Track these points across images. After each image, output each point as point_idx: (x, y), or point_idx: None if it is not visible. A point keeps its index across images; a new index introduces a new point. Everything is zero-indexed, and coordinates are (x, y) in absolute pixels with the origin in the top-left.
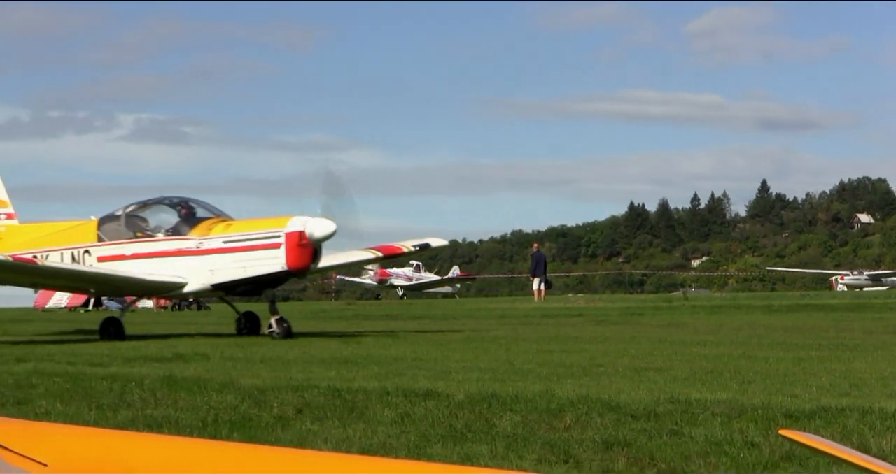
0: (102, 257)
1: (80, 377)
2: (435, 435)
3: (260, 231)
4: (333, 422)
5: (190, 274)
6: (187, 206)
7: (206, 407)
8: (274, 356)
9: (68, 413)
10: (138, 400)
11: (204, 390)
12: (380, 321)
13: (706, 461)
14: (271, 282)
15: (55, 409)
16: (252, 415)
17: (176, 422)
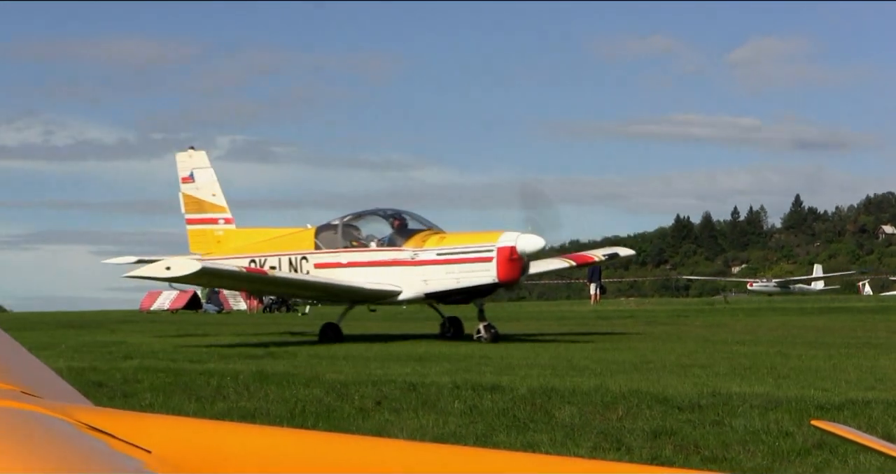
0: (319, 264)
1: (181, 372)
2: (500, 425)
3: (473, 245)
4: (409, 414)
5: (404, 283)
6: (400, 218)
7: (294, 400)
8: (355, 353)
9: (170, 405)
10: (233, 393)
11: (292, 384)
12: None
13: (745, 448)
14: (482, 292)
15: (158, 402)
16: (335, 407)
17: (267, 413)
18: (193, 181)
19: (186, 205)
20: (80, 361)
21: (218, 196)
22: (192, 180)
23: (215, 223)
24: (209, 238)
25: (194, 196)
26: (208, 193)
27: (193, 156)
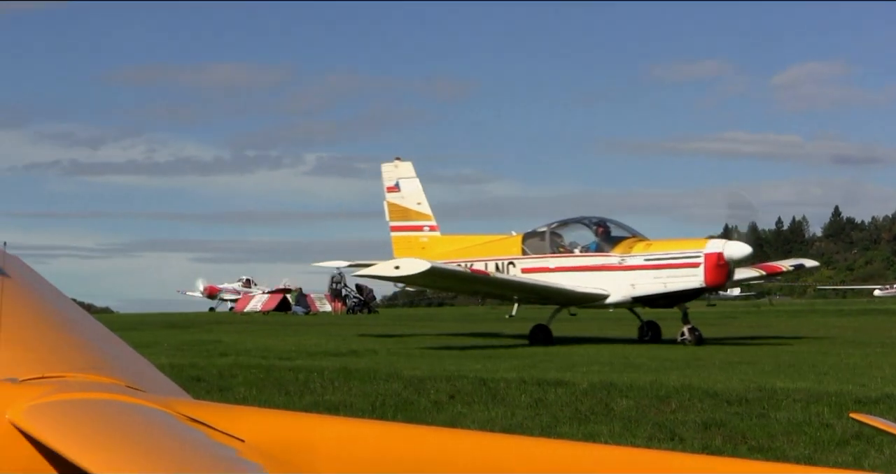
0: (526, 269)
1: (272, 368)
2: (563, 416)
3: (680, 251)
4: (479, 406)
5: (612, 287)
6: (604, 226)
7: (375, 394)
8: (431, 352)
9: (262, 398)
10: (319, 388)
11: (373, 379)
12: (518, 322)
13: (788, 439)
14: (687, 296)
15: (251, 395)
16: (412, 400)
17: (350, 406)
18: (399, 190)
19: (391, 214)
20: (180, 358)
21: (423, 204)
22: (397, 190)
23: (420, 230)
24: (414, 244)
25: (400, 204)
26: (413, 202)
27: (399, 166)
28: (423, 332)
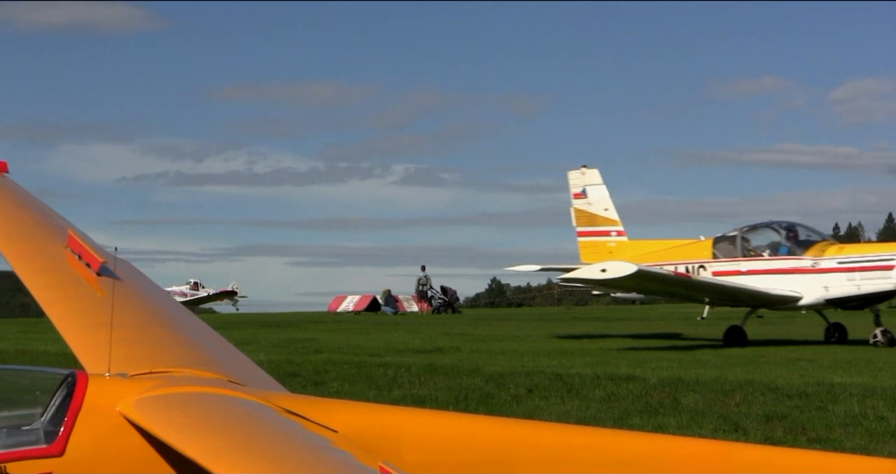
0: (718, 272)
1: (363, 365)
2: (634, 409)
3: (874, 254)
4: (556, 400)
5: (804, 289)
6: (793, 230)
7: (458, 388)
8: (510, 349)
9: (354, 392)
10: (406, 382)
11: (457, 374)
12: (591, 322)
13: (846, 431)
14: (880, 298)
15: (344, 389)
16: (493, 394)
17: (435, 399)
18: (586, 197)
19: (578, 219)
20: (277, 355)
21: (610, 210)
22: (584, 196)
23: (608, 235)
24: (601, 249)
25: (587, 210)
26: (601, 208)
27: (586, 173)
28: (534, 333)
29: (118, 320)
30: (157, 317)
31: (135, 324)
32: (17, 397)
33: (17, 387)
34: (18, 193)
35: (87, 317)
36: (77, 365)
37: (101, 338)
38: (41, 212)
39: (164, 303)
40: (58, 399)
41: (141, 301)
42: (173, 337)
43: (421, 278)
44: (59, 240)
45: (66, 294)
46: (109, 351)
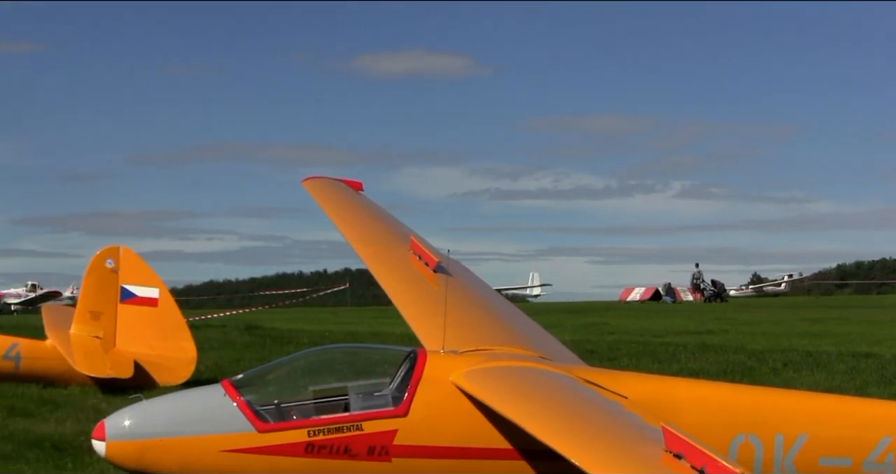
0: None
1: (647, 343)
2: (872, 381)
3: None
4: (806, 372)
5: None
6: None
7: (726, 362)
8: (768, 331)
9: (640, 366)
10: (683, 358)
11: (724, 351)
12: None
13: None
14: None
15: (632, 364)
16: (755, 368)
17: (707, 372)
18: None
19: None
20: (578, 335)
21: None
22: None
23: None
24: None
25: None
26: None
27: None
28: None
29: (450, 308)
30: (481, 305)
31: (463, 311)
32: (372, 369)
33: (371, 361)
34: (371, 207)
35: (425, 305)
36: (418, 344)
37: (437, 322)
38: (389, 221)
39: (487, 294)
40: (403, 371)
41: (468, 292)
42: (495, 321)
43: (695, 273)
44: (403, 244)
45: (409, 287)
46: (444, 332)
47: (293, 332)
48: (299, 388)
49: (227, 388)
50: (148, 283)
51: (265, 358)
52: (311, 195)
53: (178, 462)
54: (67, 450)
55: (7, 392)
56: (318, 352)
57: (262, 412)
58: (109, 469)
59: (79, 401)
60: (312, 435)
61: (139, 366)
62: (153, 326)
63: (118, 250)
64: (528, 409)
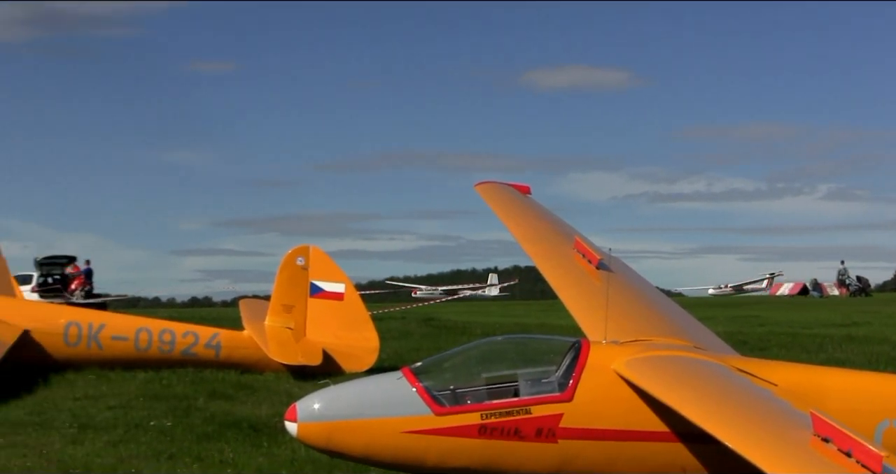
0: None
1: (796, 335)
2: None
3: None
4: None
5: None
6: None
7: (871, 353)
8: None
9: (789, 355)
10: (829, 348)
11: (869, 342)
12: None
13: None
14: None
15: (781, 354)
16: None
17: (852, 362)
18: None
19: None
20: (730, 327)
21: None
22: None
23: None
24: None
25: None
26: None
27: None
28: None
29: (611, 301)
30: (640, 298)
31: (623, 304)
32: (539, 358)
33: (539, 351)
34: (538, 209)
35: (588, 299)
36: (582, 335)
37: (599, 315)
38: (555, 222)
39: (645, 289)
40: (568, 359)
41: (628, 287)
42: (652, 313)
43: (841, 269)
44: (568, 243)
45: (573, 282)
46: (605, 324)
47: (467, 324)
48: (473, 375)
49: (407, 375)
50: (335, 279)
51: (441, 347)
52: (484, 198)
53: (362, 442)
54: (263, 431)
55: (209, 377)
56: (491, 342)
57: (439, 396)
58: (300, 448)
59: (273, 386)
60: (485, 418)
61: (327, 355)
62: (339, 318)
63: (308, 249)
64: (685, 395)
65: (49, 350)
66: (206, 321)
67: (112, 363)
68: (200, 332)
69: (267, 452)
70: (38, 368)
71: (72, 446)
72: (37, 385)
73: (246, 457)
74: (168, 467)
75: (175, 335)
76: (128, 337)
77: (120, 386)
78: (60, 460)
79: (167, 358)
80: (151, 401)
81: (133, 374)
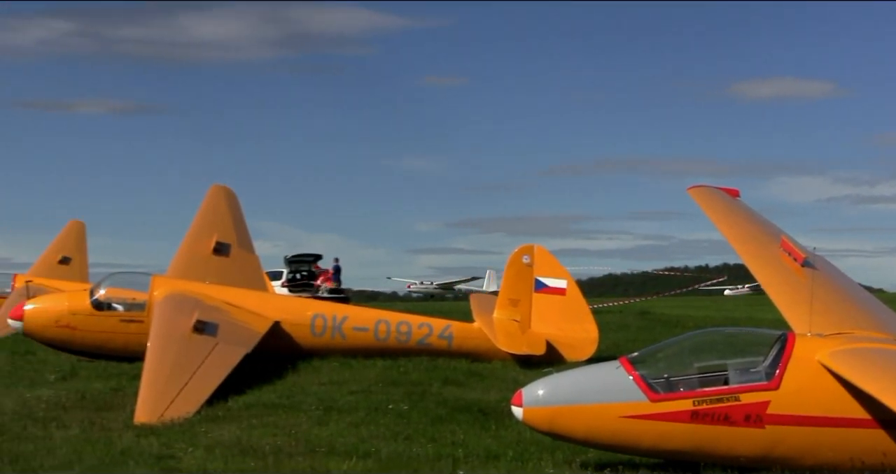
0: None
1: None
2: None
3: None
4: None
5: None
6: None
7: None
8: None
9: None
10: None
11: None
12: None
13: None
14: None
15: None
16: None
17: None
18: None
19: None
20: None
21: None
22: None
23: None
24: None
25: None
26: None
27: None
28: None
29: (815, 297)
30: (842, 294)
31: (827, 299)
32: (748, 349)
33: (748, 342)
34: (747, 211)
35: (794, 294)
36: (788, 328)
37: (804, 309)
38: (762, 223)
39: (848, 285)
40: (775, 350)
41: (831, 283)
42: (855, 308)
43: None
44: (774, 242)
45: (779, 279)
46: (810, 318)
47: (680, 317)
48: (685, 365)
49: (625, 364)
50: (558, 276)
51: (656, 339)
52: (696, 201)
53: (582, 425)
54: (491, 414)
55: (442, 365)
56: (702, 334)
57: (654, 384)
58: (525, 431)
59: (500, 374)
60: (697, 404)
61: (550, 345)
62: (562, 311)
63: (533, 248)
64: (886, 385)
65: (297, 339)
66: (439, 314)
67: (354, 352)
68: (434, 324)
69: (494, 434)
70: (287, 356)
71: (317, 427)
72: (286, 371)
73: (475, 439)
74: (404, 447)
75: (411, 326)
76: (368, 328)
77: (361, 373)
78: (307, 439)
79: (404, 347)
80: (389, 387)
81: (373, 362)
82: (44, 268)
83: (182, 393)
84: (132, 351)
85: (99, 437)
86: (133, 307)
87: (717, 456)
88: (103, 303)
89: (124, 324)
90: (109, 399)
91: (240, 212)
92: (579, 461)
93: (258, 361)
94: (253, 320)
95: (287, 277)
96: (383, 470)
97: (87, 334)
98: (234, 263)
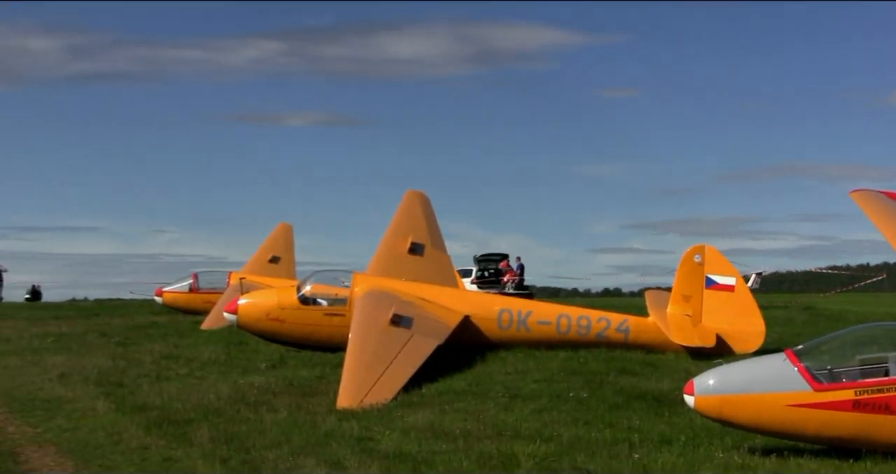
0: None
1: None
2: None
3: None
4: None
5: None
6: None
7: None
8: None
9: None
10: None
11: None
12: None
13: None
14: None
15: None
16: None
17: None
18: None
19: None
20: None
21: None
22: None
23: None
24: None
25: None
26: None
27: None
28: None
29: None
30: None
31: None
32: None
33: None
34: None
35: None
36: None
37: None
38: None
39: None
40: None
41: None
42: None
43: None
44: None
45: None
46: None
47: (842, 313)
48: (848, 357)
49: (790, 356)
50: (727, 274)
51: (820, 332)
52: (858, 204)
53: (750, 413)
54: (664, 402)
55: (619, 356)
56: (864, 329)
57: (818, 375)
58: (696, 418)
59: (673, 365)
60: (859, 394)
61: (719, 338)
62: (730, 307)
63: (704, 248)
64: None
65: (485, 332)
66: (616, 309)
67: (537, 344)
68: (612, 318)
69: (668, 421)
70: (476, 347)
71: (503, 412)
72: (475, 361)
73: (650, 424)
74: (584, 431)
75: (591, 320)
76: (551, 321)
77: (544, 363)
78: (494, 424)
79: (584, 339)
80: (570, 376)
81: (555, 353)
82: (256, 266)
83: (380, 381)
84: (335, 342)
85: (305, 420)
86: (336, 302)
87: (877, 444)
88: (309, 299)
89: (328, 318)
90: (314, 385)
91: (433, 214)
92: (747, 446)
93: (450, 352)
94: (445, 314)
95: (476, 275)
96: (565, 452)
97: (295, 326)
98: (427, 262)
